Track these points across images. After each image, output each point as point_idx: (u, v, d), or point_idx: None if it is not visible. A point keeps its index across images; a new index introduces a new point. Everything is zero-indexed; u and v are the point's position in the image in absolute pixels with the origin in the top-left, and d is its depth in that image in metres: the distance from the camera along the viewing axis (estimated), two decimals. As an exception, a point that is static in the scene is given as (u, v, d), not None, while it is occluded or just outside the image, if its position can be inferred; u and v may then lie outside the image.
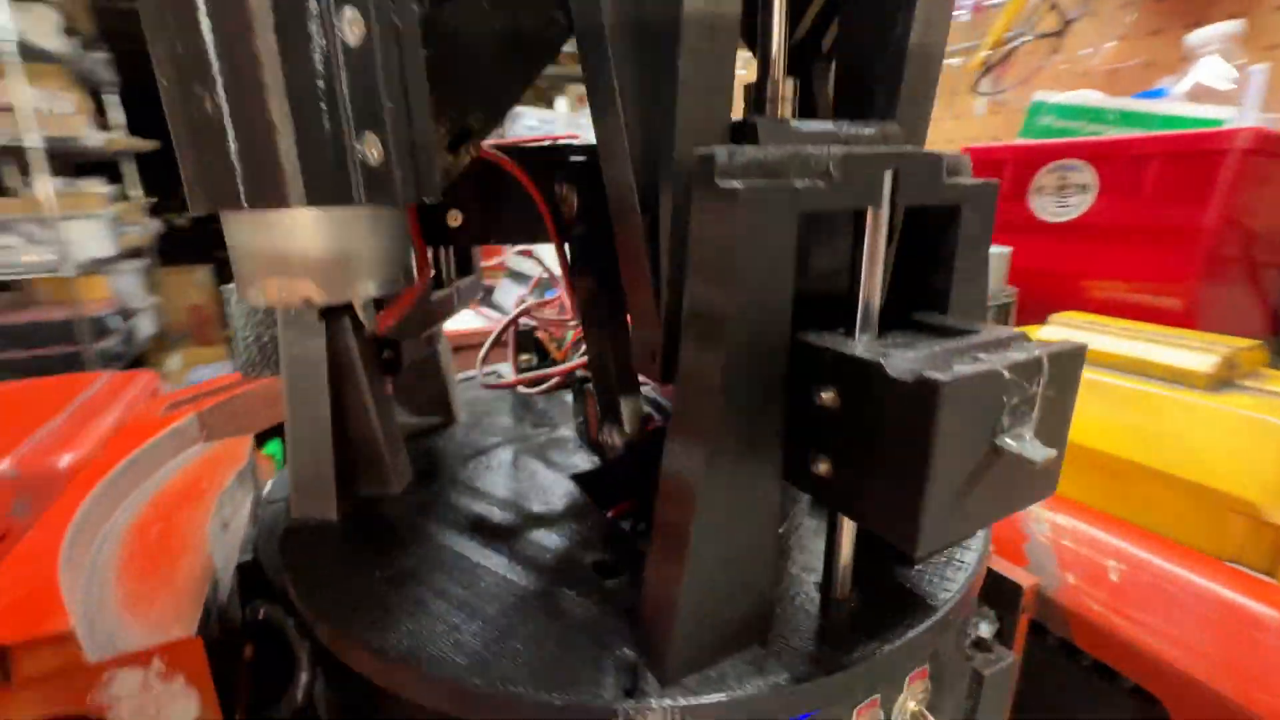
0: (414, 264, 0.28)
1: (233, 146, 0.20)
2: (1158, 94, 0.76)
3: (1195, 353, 0.53)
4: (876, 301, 0.27)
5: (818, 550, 0.37)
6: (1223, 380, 0.52)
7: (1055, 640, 0.50)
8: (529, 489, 0.46)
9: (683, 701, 0.26)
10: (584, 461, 0.50)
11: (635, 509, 0.44)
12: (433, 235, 0.39)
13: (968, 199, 0.29)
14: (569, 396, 0.60)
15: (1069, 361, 0.24)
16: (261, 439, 0.70)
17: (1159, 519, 0.51)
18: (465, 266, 0.51)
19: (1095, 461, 0.55)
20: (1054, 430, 0.25)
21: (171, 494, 0.51)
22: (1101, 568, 0.48)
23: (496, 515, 0.42)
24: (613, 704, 0.26)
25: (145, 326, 3.45)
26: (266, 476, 0.59)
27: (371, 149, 0.20)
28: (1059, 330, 0.62)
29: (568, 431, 0.55)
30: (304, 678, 0.35)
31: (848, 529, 0.31)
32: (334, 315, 0.39)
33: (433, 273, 0.48)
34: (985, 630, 0.50)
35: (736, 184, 0.22)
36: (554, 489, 0.45)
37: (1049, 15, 0.98)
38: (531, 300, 0.61)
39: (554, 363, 0.61)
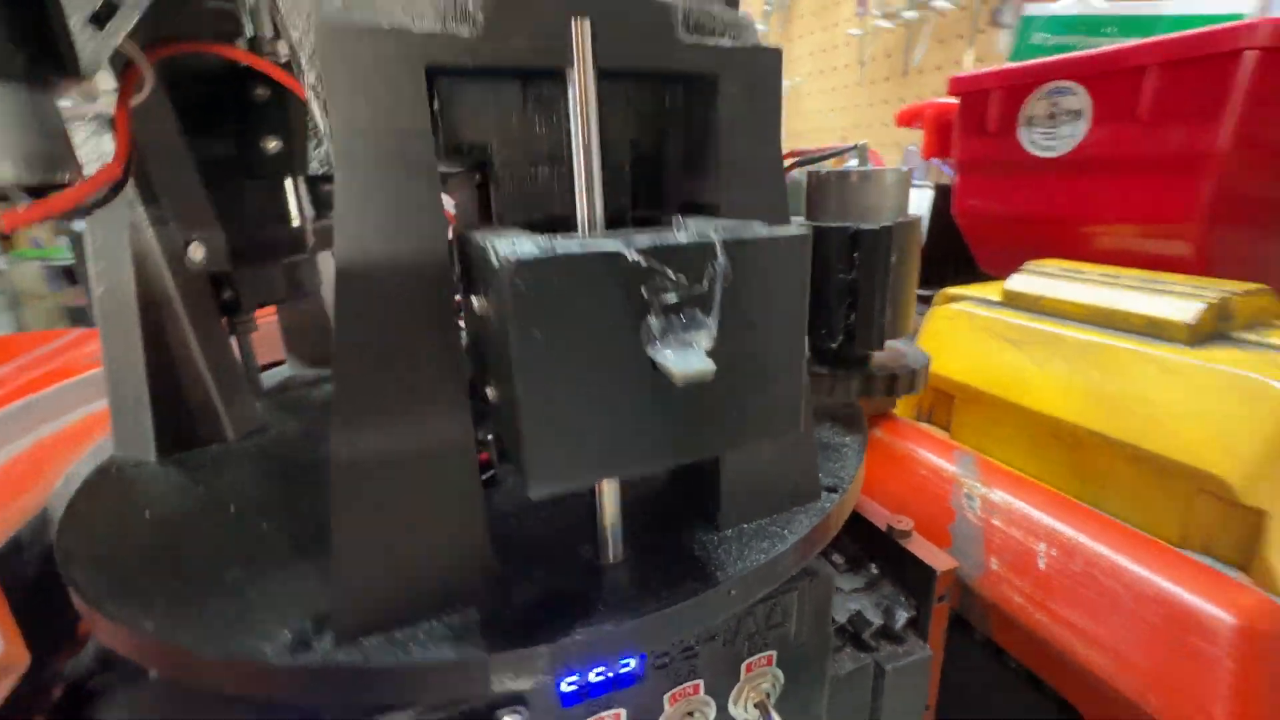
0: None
1: None
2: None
3: (1179, 299, 0.43)
4: (595, 199, 0.22)
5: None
6: (1210, 332, 0.42)
7: (981, 636, 0.43)
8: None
9: (343, 659, 0.22)
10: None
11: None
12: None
13: (726, 66, 0.23)
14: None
15: (767, 252, 0.18)
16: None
17: (1116, 498, 0.43)
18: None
19: (1051, 430, 0.47)
20: (754, 341, 0.19)
21: (62, 437, 0.52)
22: (1030, 553, 0.40)
23: (300, 466, 0.39)
24: (272, 660, 0.23)
25: None
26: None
27: None
28: (1028, 279, 0.53)
29: None
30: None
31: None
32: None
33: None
34: (898, 619, 0.43)
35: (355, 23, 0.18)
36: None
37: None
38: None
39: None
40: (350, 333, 0.20)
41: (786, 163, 0.53)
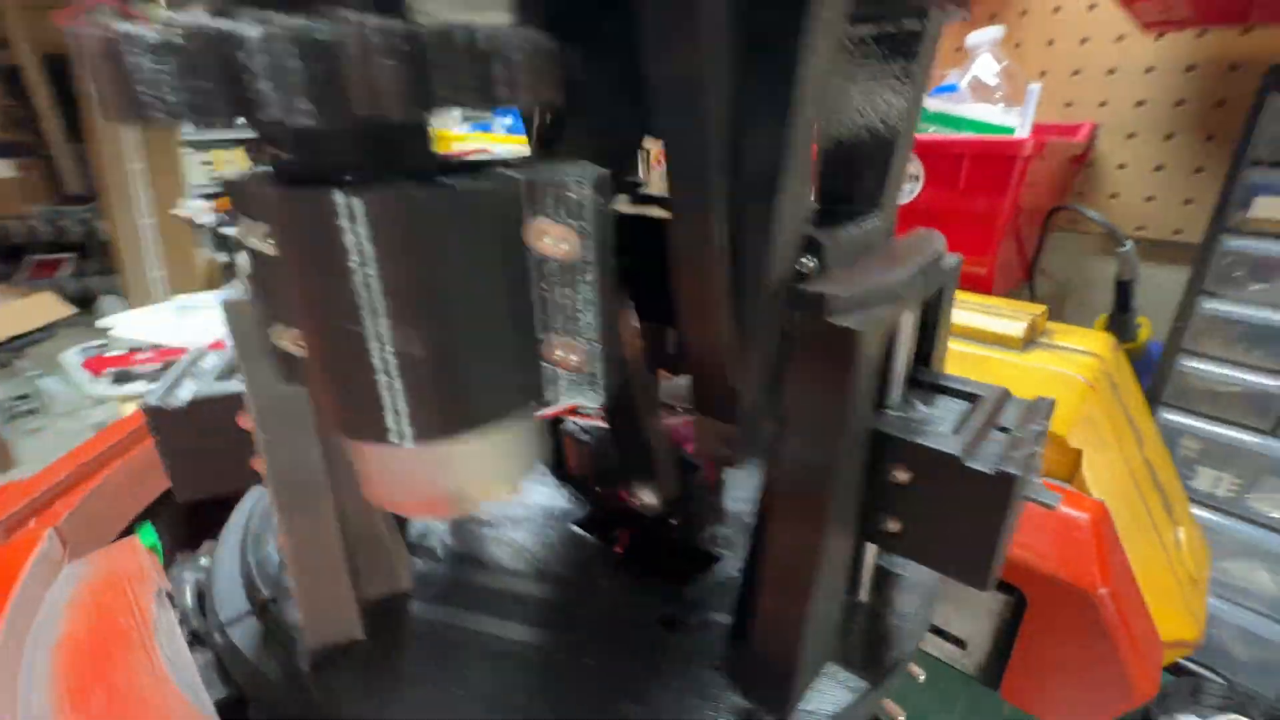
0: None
1: (399, 383, 0.18)
2: (950, 88, 0.92)
3: (1009, 320, 0.70)
4: (905, 376, 0.33)
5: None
6: (1028, 341, 0.69)
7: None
8: (533, 546, 0.46)
9: (805, 731, 0.32)
10: (562, 499, 0.51)
11: (634, 539, 0.47)
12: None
13: (949, 278, 0.36)
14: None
15: (1048, 418, 0.33)
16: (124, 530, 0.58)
17: (997, 451, 0.68)
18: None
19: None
20: (1038, 465, 0.33)
21: (79, 645, 0.41)
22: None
23: (521, 586, 0.42)
24: (750, 752, 0.31)
25: None
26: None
27: (569, 355, 0.19)
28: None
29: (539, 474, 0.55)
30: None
31: (871, 554, 0.38)
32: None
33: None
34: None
35: (853, 324, 0.26)
36: (557, 541, 0.46)
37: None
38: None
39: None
40: (835, 494, 0.29)
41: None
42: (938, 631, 0.70)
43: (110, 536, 0.55)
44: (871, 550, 0.39)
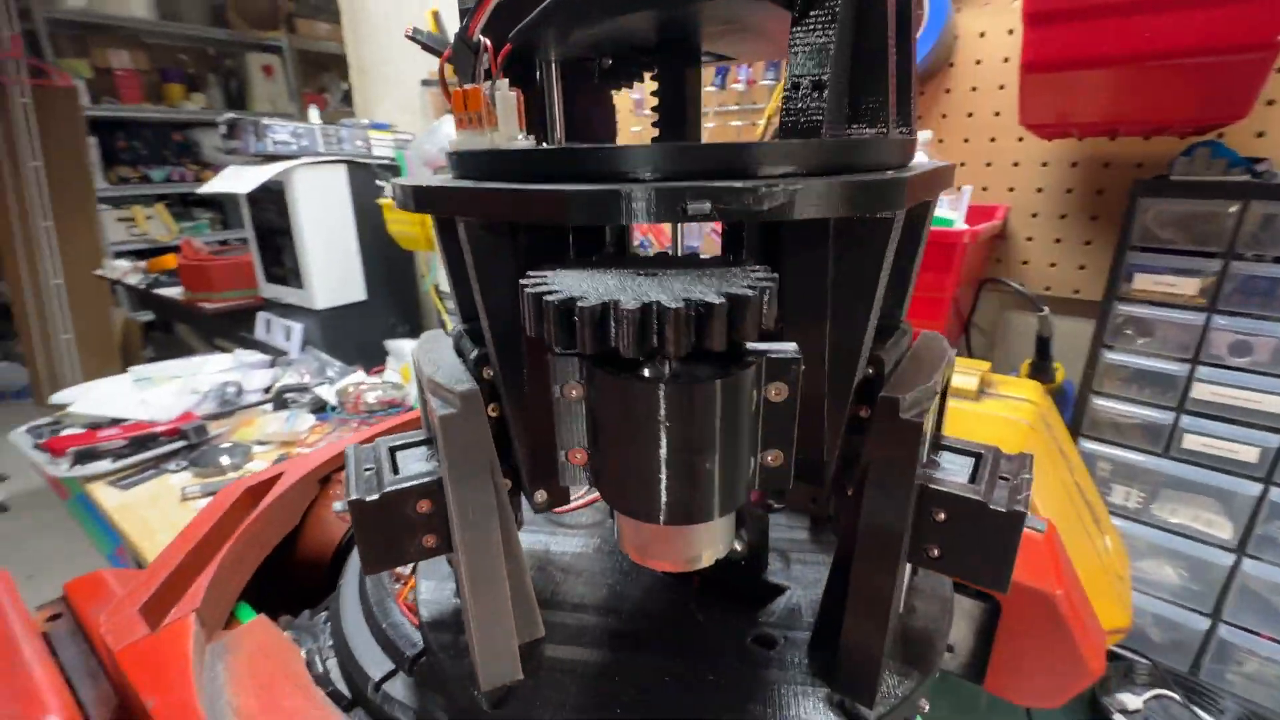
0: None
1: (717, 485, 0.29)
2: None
3: (963, 375, 0.86)
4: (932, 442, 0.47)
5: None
6: (980, 391, 0.86)
7: (928, 574, 0.79)
8: (625, 589, 0.56)
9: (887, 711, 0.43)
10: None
11: (704, 575, 0.58)
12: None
13: (950, 366, 0.50)
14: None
15: (1031, 467, 0.47)
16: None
17: (965, 484, 0.84)
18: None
19: (924, 453, 0.86)
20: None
21: None
22: (950, 525, 0.78)
23: (624, 623, 0.52)
24: (852, 731, 0.42)
25: None
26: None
27: (775, 460, 0.31)
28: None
29: (585, 527, 0.65)
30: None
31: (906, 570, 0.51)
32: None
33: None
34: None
35: (917, 419, 0.39)
36: (641, 582, 0.57)
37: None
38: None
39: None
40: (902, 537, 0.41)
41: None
42: (930, 639, 0.83)
43: (224, 616, 0.60)
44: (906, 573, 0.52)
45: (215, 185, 2.18)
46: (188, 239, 3.21)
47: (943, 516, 0.43)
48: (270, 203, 2.14)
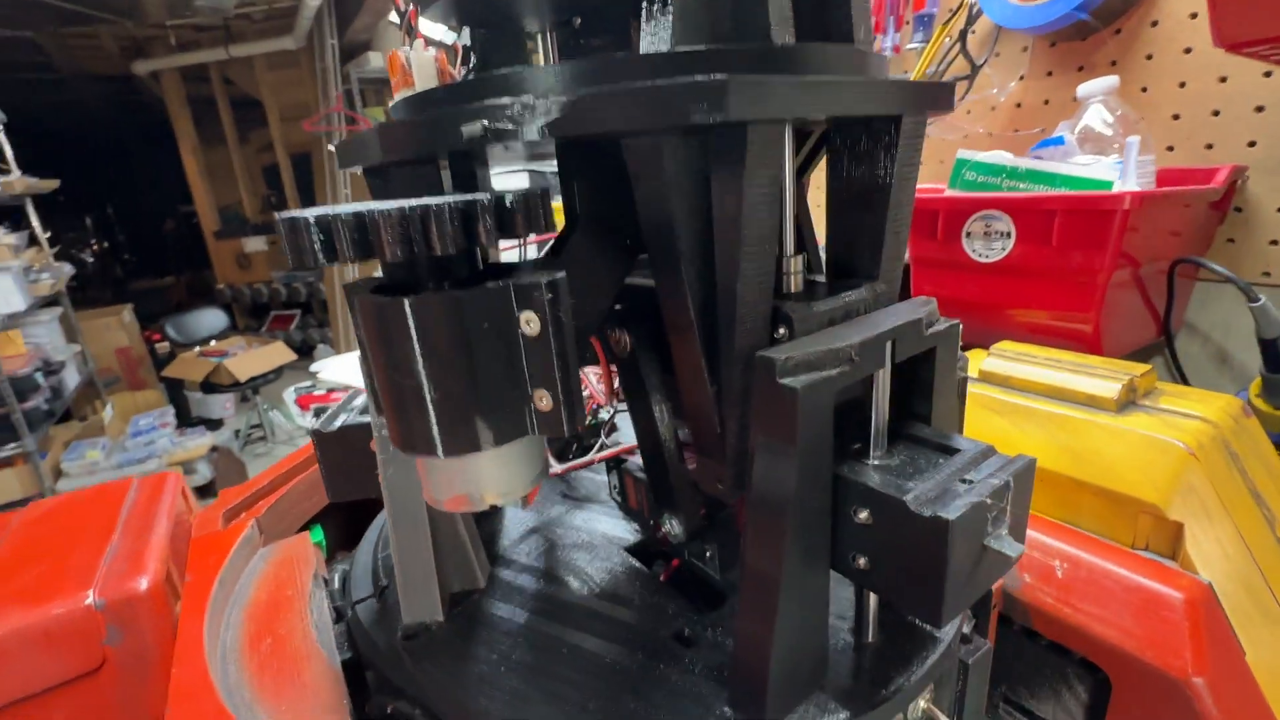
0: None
1: (433, 415, 0.27)
2: (1057, 141, 0.89)
3: (1104, 380, 0.66)
4: (884, 428, 0.37)
5: (841, 598, 0.47)
6: (1126, 402, 0.65)
7: (1019, 627, 0.63)
8: (589, 565, 0.54)
9: (778, 742, 0.35)
10: (624, 530, 0.58)
11: (677, 569, 0.53)
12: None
13: (940, 342, 0.39)
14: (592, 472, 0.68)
15: (1025, 475, 0.35)
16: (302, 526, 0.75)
17: (1087, 520, 0.64)
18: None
19: (1038, 477, 0.68)
20: (1019, 521, 0.35)
21: (260, 605, 0.56)
22: (1050, 568, 0.60)
23: (571, 595, 0.50)
24: (727, 754, 0.35)
25: (71, 378, 3.28)
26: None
27: (542, 400, 0.28)
28: (998, 361, 0.74)
29: (603, 504, 0.63)
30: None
31: (875, 600, 0.41)
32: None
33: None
34: (965, 626, 0.62)
35: (795, 384, 0.31)
36: (610, 563, 0.54)
37: (960, 60, 1.11)
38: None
39: (586, 445, 0.69)
40: (796, 526, 0.33)
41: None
42: (1024, 711, 0.66)
43: (293, 530, 0.71)
44: (875, 597, 0.42)
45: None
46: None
47: (865, 516, 0.34)
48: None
